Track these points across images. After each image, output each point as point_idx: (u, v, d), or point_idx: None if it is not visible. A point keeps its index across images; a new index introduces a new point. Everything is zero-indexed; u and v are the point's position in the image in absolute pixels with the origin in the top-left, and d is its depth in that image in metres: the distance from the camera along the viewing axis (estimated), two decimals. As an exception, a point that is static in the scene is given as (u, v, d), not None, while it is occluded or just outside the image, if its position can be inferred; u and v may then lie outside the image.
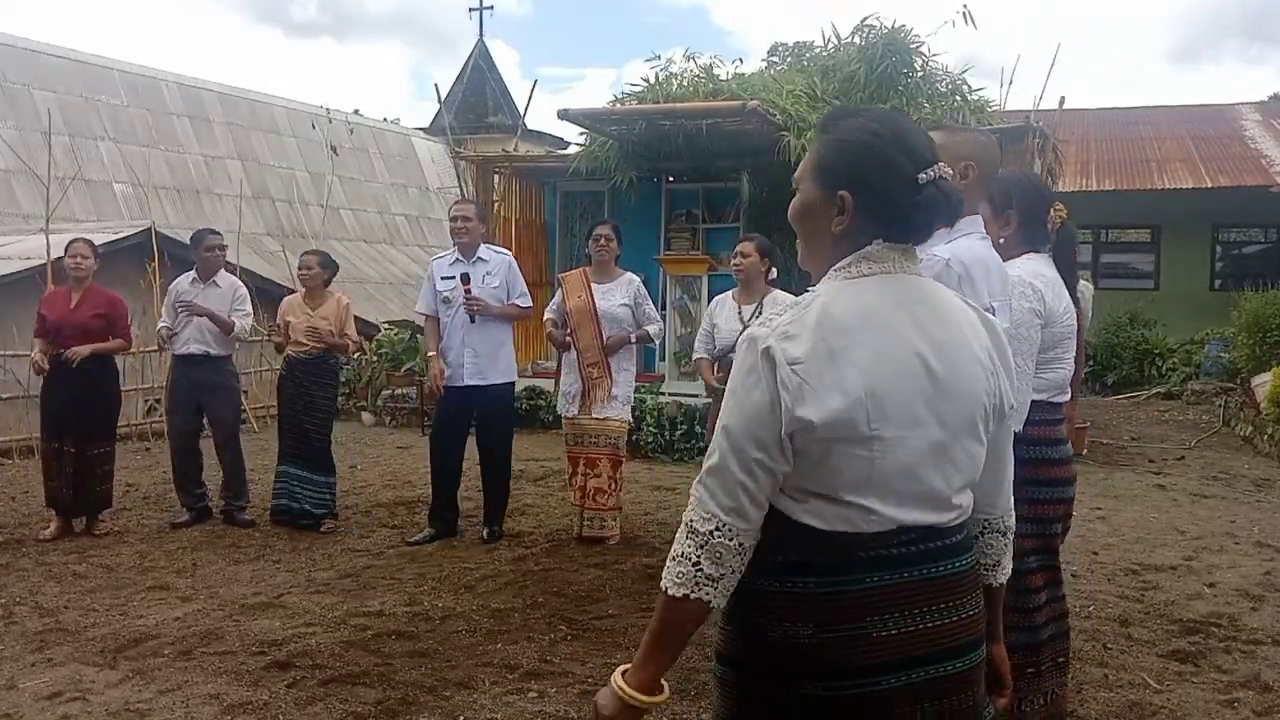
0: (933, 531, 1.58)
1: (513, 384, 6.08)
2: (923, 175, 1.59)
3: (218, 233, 6.64)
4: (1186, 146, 16.17)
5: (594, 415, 5.70)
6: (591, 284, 5.80)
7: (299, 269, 6.50)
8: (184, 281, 6.40)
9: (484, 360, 5.75)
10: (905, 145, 1.60)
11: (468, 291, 5.65)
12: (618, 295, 5.78)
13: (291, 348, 6.29)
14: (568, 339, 5.84)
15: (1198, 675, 3.83)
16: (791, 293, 5.34)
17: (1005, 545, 1.79)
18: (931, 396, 1.55)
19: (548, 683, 3.72)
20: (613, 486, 5.74)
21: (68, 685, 3.70)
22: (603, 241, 5.80)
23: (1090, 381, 13.07)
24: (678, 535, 1.58)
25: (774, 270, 5.41)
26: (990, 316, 1.73)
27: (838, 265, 1.62)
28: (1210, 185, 14.37)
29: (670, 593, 1.58)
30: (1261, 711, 3.51)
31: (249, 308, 6.52)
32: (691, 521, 1.56)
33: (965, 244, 2.43)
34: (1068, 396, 3.11)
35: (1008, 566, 1.82)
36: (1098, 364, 13.39)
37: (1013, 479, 1.86)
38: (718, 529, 1.54)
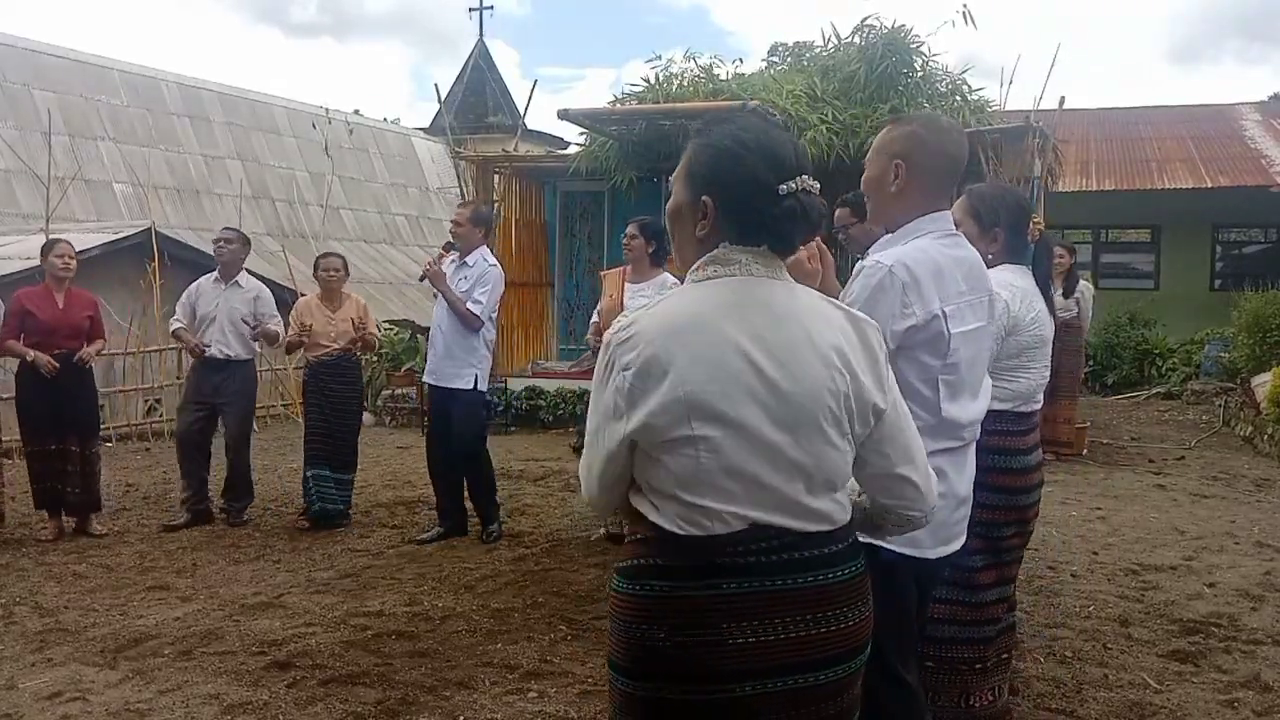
0: (797, 539, 1.57)
1: (474, 392, 5.78)
2: (784, 186, 1.63)
3: (232, 229, 6.60)
4: (1186, 146, 16.16)
5: None
6: (626, 283, 5.70)
7: (324, 270, 6.42)
8: (205, 282, 6.40)
9: (442, 361, 5.75)
10: (769, 154, 1.64)
11: (441, 259, 5.75)
12: (646, 295, 5.54)
13: (313, 351, 6.30)
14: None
15: (1198, 675, 3.82)
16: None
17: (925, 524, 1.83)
18: (762, 397, 1.56)
19: (548, 683, 3.72)
20: None
21: (68, 685, 3.70)
22: (626, 240, 5.67)
23: (1090, 381, 13.06)
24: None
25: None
26: (861, 316, 1.72)
27: (692, 269, 1.68)
28: (1210, 185, 14.36)
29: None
30: (1261, 711, 3.51)
31: (276, 310, 6.52)
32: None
33: (916, 245, 2.27)
34: (1038, 406, 3.13)
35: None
36: (1098, 364, 13.39)
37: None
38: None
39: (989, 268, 2.97)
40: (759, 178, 1.63)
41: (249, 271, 6.68)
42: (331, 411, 6.25)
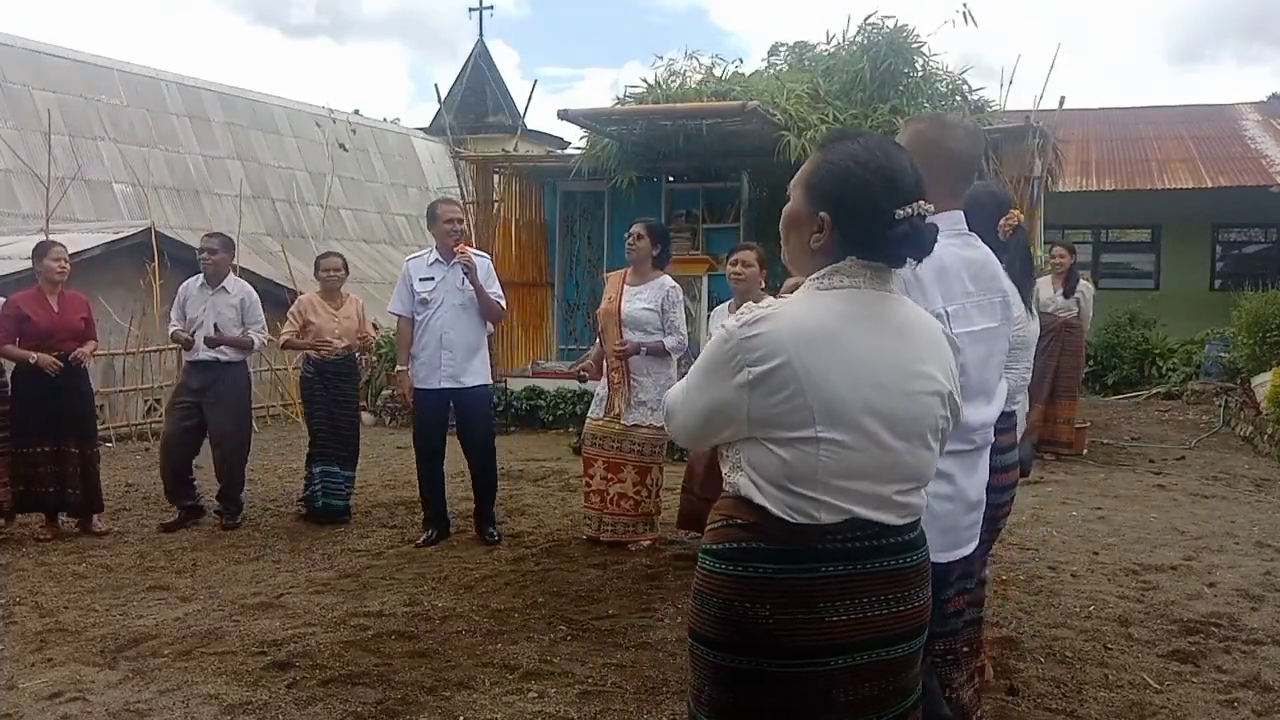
0: (885, 529, 1.71)
1: (488, 385, 5.97)
2: (900, 211, 1.69)
3: (215, 235, 6.50)
4: (1186, 146, 16.16)
5: (624, 421, 5.55)
6: (625, 286, 5.65)
7: (324, 270, 6.49)
8: (193, 285, 6.36)
9: (460, 362, 5.68)
10: (889, 178, 1.71)
11: (463, 252, 5.58)
12: (643, 299, 5.56)
13: (318, 350, 6.32)
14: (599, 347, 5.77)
15: (1198, 675, 3.82)
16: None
17: None
18: (883, 408, 1.67)
19: (548, 683, 3.72)
20: (640, 494, 5.57)
21: (68, 685, 3.70)
22: (631, 240, 5.60)
23: (1090, 381, 13.06)
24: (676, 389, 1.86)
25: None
26: (947, 331, 1.85)
27: (813, 275, 1.74)
28: (1210, 185, 14.36)
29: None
30: (1261, 711, 3.51)
31: (261, 316, 6.45)
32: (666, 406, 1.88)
33: None
34: (1016, 406, 3.13)
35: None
36: (1098, 364, 13.38)
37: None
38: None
39: None
40: (877, 202, 1.70)
41: (249, 271, 6.67)
42: (338, 409, 6.33)
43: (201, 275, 6.37)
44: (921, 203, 1.71)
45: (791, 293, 1.80)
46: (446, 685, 3.69)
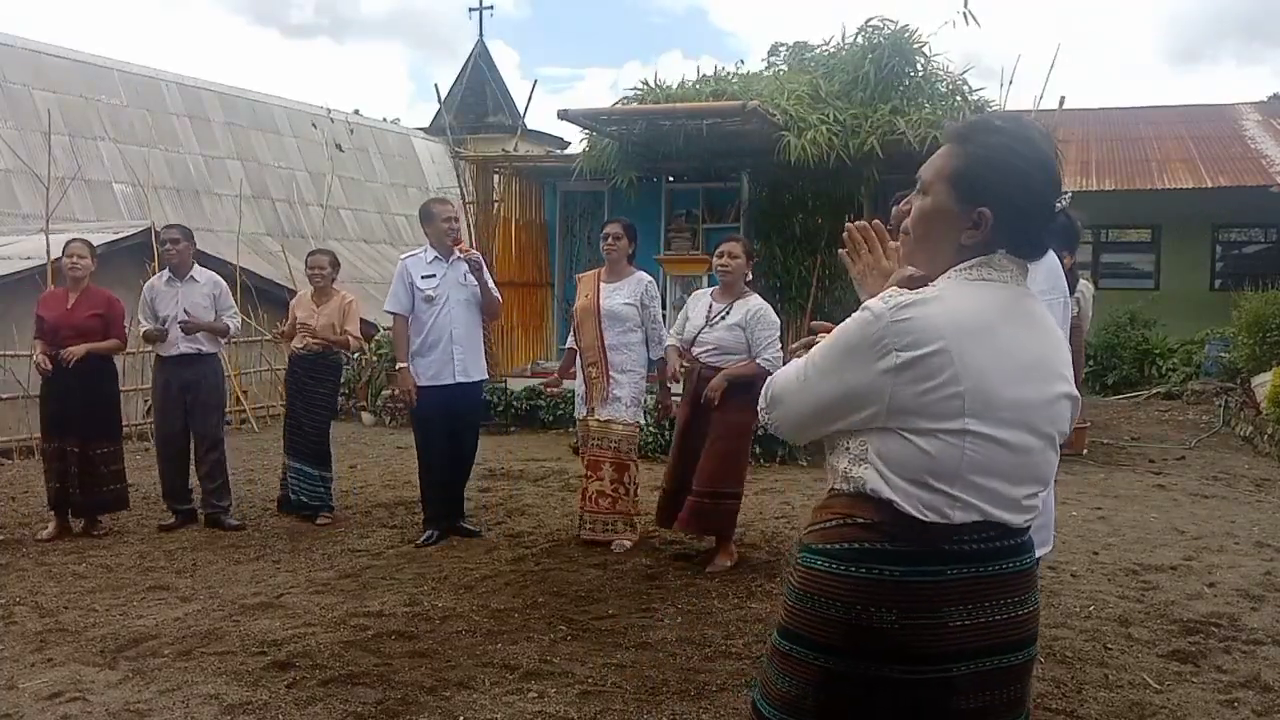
0: (1008, 530, 1.64)
1: (484, 378, 6.18)
2: (1059, 203, 1.66)
3: (175, 226, 6.48)
4: (1186, 146, 16.16)
5: (598, 417, 5.62)
6: (601, 284, 5.73)
7: (310, 268, 6.57)
8: (159, 282, 6.32)
9: (470, 357, 5.81)
10: (1048, 169, 1.65)
11: (465, 249, 5.72)
12: (623, 294, 5.64)
13: (296, 344, 6.41)
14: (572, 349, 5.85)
15: (1198, 675, 3.83)
16: (766, 299, 5.36)
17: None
18: (1025, 406, 1.62)
19: (548, 683, 3.72)
20: (618, 491, 5.58)
21: (68, 685, 3.70)
22: (610, 240, 5.68)
23: (1090, 381, 13.06)
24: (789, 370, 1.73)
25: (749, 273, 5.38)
26: (1064, 342, 1.80)
27: (959, 266, 1.66)
28: (1210, 185, 14.36)
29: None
30: (1261, 711, 3.51)
31: (233, 303, 6.52)
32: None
33: None
34: None
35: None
36: (1098, 364, 13.39)
37: None
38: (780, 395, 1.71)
39: None
40: (1040, 193, 1.64)
41: (249, 270, 6.68)
42: (303, 405, 6.40)
43: (166, 272, 6.33)
44: (1067, 193, 1.67)
45: (903, 285, 1.69)
46: (446, 685, 3.69)
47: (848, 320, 1.64)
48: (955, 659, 1.60)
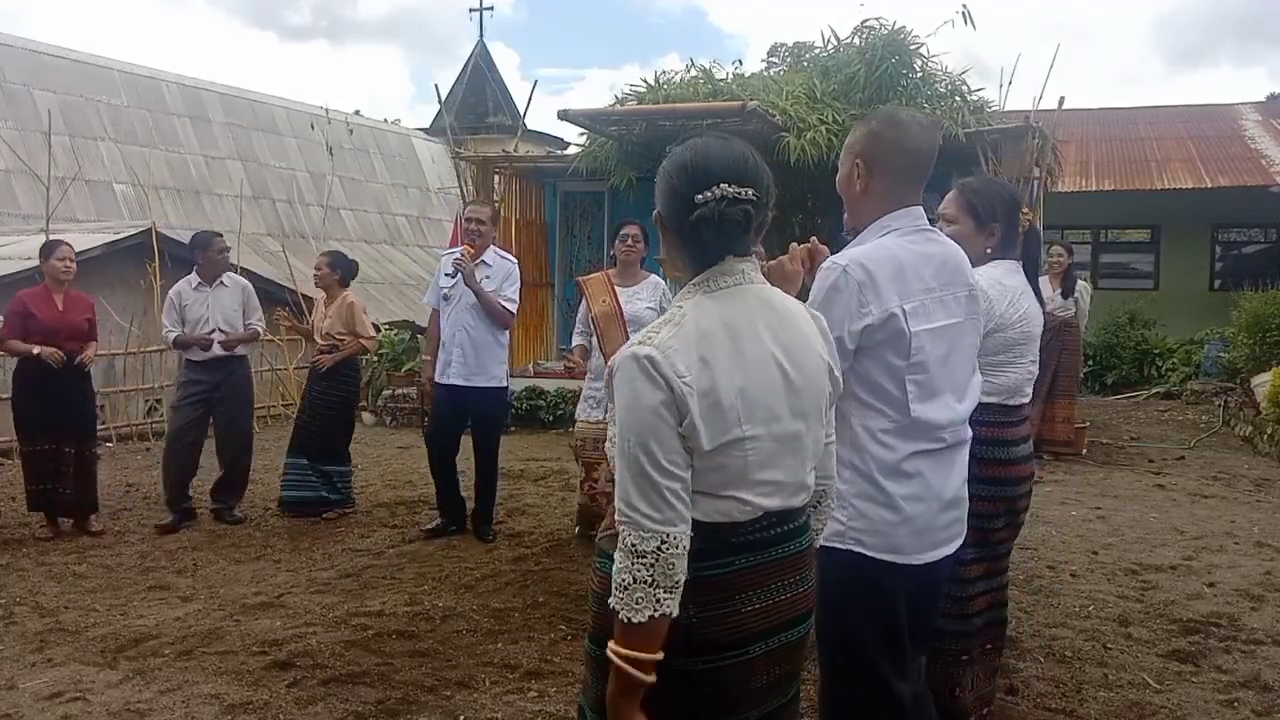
0: (787, 514, 1.76)
1: (502, 389, 6.05)
2: (699, 196, 1.70)
3: (220, 234, 6.70)
4: (1186, 146, 16.16)
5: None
6: (616, 287, 5.53)
7: (314, 269, 6.81)
8: (187, 287, 6.38)
9: (470, 363, 5.76)
10: (690, 168, 1.73)
11: (469, 256, 5.66)
12: (643, 298, 5.51)
13: (315, 346, 6.66)
14: (588, 346, 5.62)
15: (1198, 675, 3.83)
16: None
17: (833, 506, 2.01)
18: (785, 393, 1.71)
19: (548, 683, 3.73)
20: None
21: (68, 685, 3.70)
22: (630, 241, 5.54)
23: (1090, 381, 13.06)
24: (617, 563, 1.62)
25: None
26: (817, 315, 1.89)
27: (694, 280, 1.76)
28: (1210, 185, 14.35)
29: (635, 619, 1.60)
30: (1261, 711, 3.51)
31: (259, 305, 6.65)
32: (633, 545, 1.60)
33: (879, 243, 2.24)
34: (1026, 399, 3.17)
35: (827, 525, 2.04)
36: (1098, 364, 13.38)
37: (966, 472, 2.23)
38: (664, 542, 1.60)
39: (984, 262, 3.00)
40: (675, 192, 1.74)
41: (249, 270, 6.73)
42: (310, 406, 6.53)
43: (195, 276, 6.40)
44: (724, 185, 1.69)
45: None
46: (447, 685, 3.69)
47: (619, 381, 1.66)
48: (750, 641, 1.70)
